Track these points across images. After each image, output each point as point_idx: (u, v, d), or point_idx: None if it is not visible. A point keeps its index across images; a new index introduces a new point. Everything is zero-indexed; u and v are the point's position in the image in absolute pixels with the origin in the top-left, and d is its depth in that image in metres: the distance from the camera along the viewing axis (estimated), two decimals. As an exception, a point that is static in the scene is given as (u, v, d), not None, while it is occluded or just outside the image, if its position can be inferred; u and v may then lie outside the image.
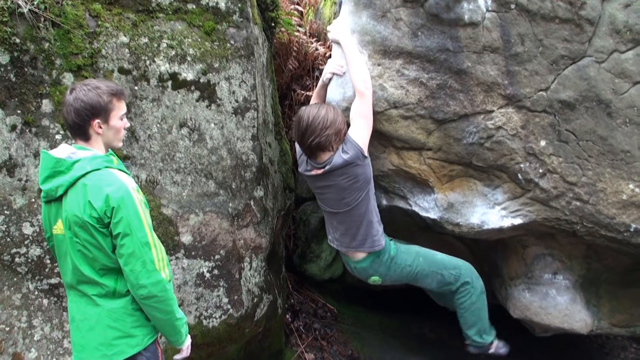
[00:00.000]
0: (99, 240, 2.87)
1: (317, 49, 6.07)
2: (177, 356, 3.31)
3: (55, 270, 3.84)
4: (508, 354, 4.63)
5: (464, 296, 4.42)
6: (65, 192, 2.91)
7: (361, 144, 4.03)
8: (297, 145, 4.33)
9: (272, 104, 5.07)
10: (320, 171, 4.14)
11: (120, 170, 3.02)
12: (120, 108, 3.01)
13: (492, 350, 4.60)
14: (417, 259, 4.38)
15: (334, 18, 5.95)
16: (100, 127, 2.94)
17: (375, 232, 4.26)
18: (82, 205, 2.83)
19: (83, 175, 2.87)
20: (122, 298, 2.98)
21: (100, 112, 2.92)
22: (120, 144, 3.14)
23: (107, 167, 2.94)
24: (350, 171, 4.05)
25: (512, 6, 4.02)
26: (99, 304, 2.96)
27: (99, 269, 2.93)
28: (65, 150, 2.96)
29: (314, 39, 6.27)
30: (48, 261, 3.83)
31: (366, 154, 4.07)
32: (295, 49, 6.11)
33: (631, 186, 4.09)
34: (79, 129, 2.94)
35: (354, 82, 4.10)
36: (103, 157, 2.96)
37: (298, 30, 6.21)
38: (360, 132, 4.06)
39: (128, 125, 3.14)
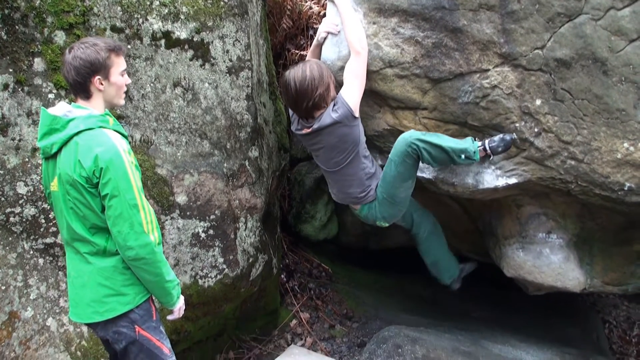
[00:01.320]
0: (88, 199, 2.87)
1: (311, 8, 6.00)
2: (169, 316, 3.32)
3: (50, 230, 3.84)
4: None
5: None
6: (60, 149, 2.92)
7: (352, 104, 4.03)
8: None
9: (267, 63, 5.03)
10: (309, 130, 4.16)
11: (116, 130, 3.00)
12: (119, 64, 2.99)
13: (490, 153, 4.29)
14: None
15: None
16: (102, 84, 2.94)
17: (366, 188, 4.35)
18: (72, 163, 2.84)
19: (76, 134, 2.87)
20: (113, 257, 2.98)
21: (100, 68, 2.91)
22: (122, 102, 3.13)
23: (101, 127, 2.92)
24: (337, 131, 4.08)
25: (509, -37, 3.97)
26: (90, 261, 2.97)
27: (90, 227, 2.94)
28: (62, 108, 2.95)
29: (308, -2, 6.21)
30: (43, 221, 3.83)
31: (356, 114, 4.08)
32: (289, 7, 6.04)
33: (626, 145, 4.09)
34: (80, 87, 2.94)
35: (349, 41, 4.07)
36: (98, 117, 2.94)
37: (291, -13, 6.14)
38: (352, 93, 4.05)
39: (129, 81, 3.12)
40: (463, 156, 4.11)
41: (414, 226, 4.99)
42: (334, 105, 4.05)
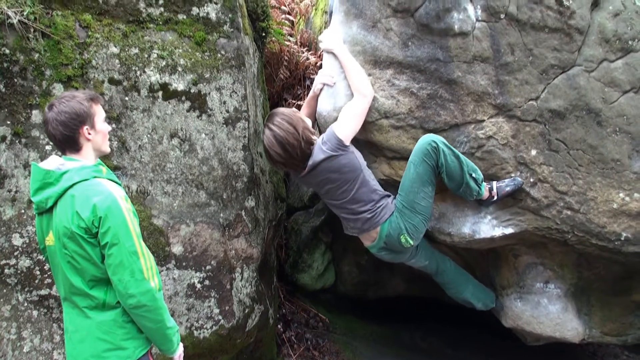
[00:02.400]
0: (88, 250, 2.85)
1: (308, 59, 6.08)
2: None
3: (45, 282, 3.82)
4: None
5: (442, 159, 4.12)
6: (55, 203, 2.90)
7: (341, 136, 4.05)
8: None
9: (263, 113, 5.07)
10: (305, 171, 4.19)
11: (110, 179, 3.01)
12: (100, 112, 3.03)
13: (495, 195, 4.28)
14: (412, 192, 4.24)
15: (324, 27, 5.97)
16: (89, 133, 2.95)
17: (379, 204, 4.28)
18: (70, 216, 2.82)
19: (71, 186, 2.86)
20: (112, 310, 2.96)
21: (86, 118, 2.93)
22: (109, 149, 3.14)
23: (95, 177, 2.92)
24: (333, 164, 4.10)
25: (502, 16, 4.04)
26: (89, 316, 2.94)
27: (89, 280, 2.91)
28: (54, 162, 2.95)
29: (305, 49, 6.28)
30: (38, 272, 3.81)
31: (346, 143, 4.09)
32: (286, 58, 6.12)
33: (621, 195, 4.11)
34: (68, 141, 2.94)
35: (355, 87, 4.11)
36: (91, 167, 2.95)
37: (289, 40, 6.22)
38: (344, 128, 4.09)
39: (110, 128, 3.17)
40: (473, 176, 4.10)
41: (439, 263, 4.83)
42: (322, 139, 4.10)
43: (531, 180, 4.17)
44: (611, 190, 4.13)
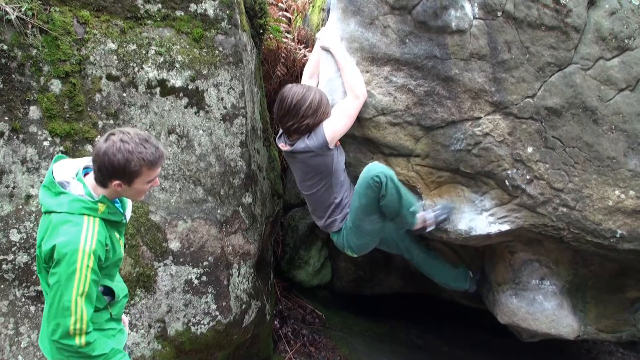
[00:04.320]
0: (45, 274, 2.82)
1: (305, 56, 6.08)
2: None
3: (43, 278, 3.83)
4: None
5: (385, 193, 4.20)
6: (45, 213, 2.85)
7: (329, 136, 4.09)
8: None
9: (261, 110, 5.08)
10: (286, 147, 4.25)
11: (104, 218, 2.86)
12: (150, 175, 2.83)
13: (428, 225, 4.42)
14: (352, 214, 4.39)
15: (322, 24, 5.97)
16: (120, 187, 2.80)
17: (329, 217, 4.46)
18: (40, 239, 2.79)
19: (57, 212, 2.77)
20: None
21: (124, 176, 2.76)
22: (141, 199, 3.04)
23: (84, 214, 2.78)
24: (310, 159, 4.17)
25: (499, 14, 4.06)
26: None
27: None
28: (65, 174, 2.87)
29: (302, 46, 6.29)
30: (35, 268, 3.81)
31: (331, 146, 4.14)
32: (283, 55, 6.13)
33: (617, 192, 4.13)
34: (98, 178, 2.81)
35: (348, 86, 4.13)
36: (86, 203, 2.80)
37: (286, 37, 6.22)
38: (334, 126, 4.12)
39: (158, 184, 2.99)
40: (410, 210, 4.28)
41: (404, 253, 4.93)
42: (313, 133, 4.13)
43: (527, 177, 4.19)
44: (607, 188, 4.15)
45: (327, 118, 4.16)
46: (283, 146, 4.28)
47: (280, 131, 4.36)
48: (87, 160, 2.94)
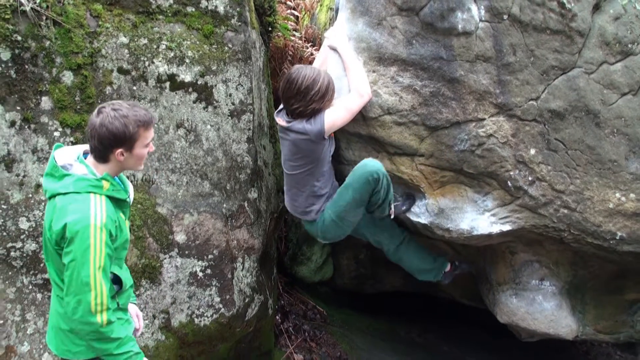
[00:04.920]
0: (57, 258, 2.86)
1: (312, 54, 6.12)
2: None
3: (50, 266, 3.89)
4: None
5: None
6: (50, 198, 2.88)
7: (327, 126, 4.13)
8: None
9: (268, 107, 5.13)
10: (283, 123, 4.26)
11: (109, 196, 2.91)
12: (146, 137, 2.92)
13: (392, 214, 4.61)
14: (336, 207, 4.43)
15: (329, 24, 6.02)
16: (123, 155, 2.88)
17: (309, 206, 4.48)
18: (49, 223, 2.83)
19: (63, 194, 2.82)
20: None
21: (125, 142, 2.84)
22: (141, 167, 3.07)
23: (90, 192, 2.83)
24: (302, 141, 4.18)
25: (505, 17, 4.11)
26: (63, 305, 2.92)
27: (62, 278, 2.89)
28: (67, 157, 2.92)
29: (309, 44, 6.33)
30: (43, 256, 3.86)
31: (326, 136, 4.19)
32: (290, 53, 6.18)
33: (617, 195, 4.19)
34: (99, 153, 2.88)
35: (354, 85, 4.18)
36: (90, 181, 2.85)
37: (294, 35, 6.27)
38: (334, 117, 4.16)
39: (153, 149, 3.07)
40: (389, 202, 4.43)
41: (370, 238, 5.00)
42: (312, 119, 4.15)
43: (529, 178, 4.25)
44: (607, 190, 4.21)
45: (330, 106, 4.20)
46: (280, 121, 4.29)
47: (281, 106, 4.37)
48: (86, 147, 2.98)
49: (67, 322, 2.89)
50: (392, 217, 4.56)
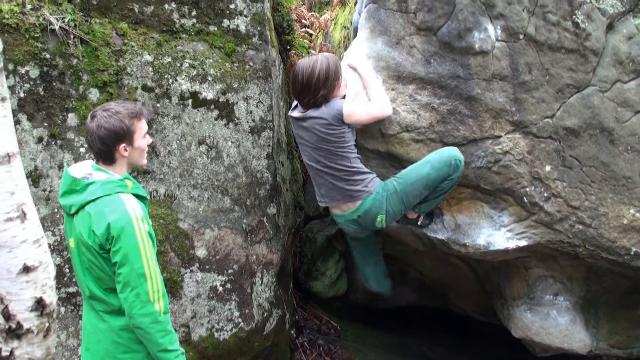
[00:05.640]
0: (103, 264, 2.91)
1: (326, 72, 6.20)
2: None
3: (73, 280, 3.93)
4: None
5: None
6: (77, 211, 2.95)
7: (345, 111, 4.10)
8: None
9: (286, 124, 5.21)
10: (298, 114, 4.26)
11: (135, 194, 3.04)
12: (142, 127, 3.04)
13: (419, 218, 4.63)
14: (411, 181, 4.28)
15: (343, 42, 6.12)
16: (126, 150, 2.98)
17: (363, 180, 4.26)
18: (87, 230, 2.88)
19: (93, 200, 2.90)
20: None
21: (125, 136, 2.95)
22: (145, 161, 3.18)
23: (118, 192, 2.94)
24: (320, 126, 4.13)
25: (521, 36, 4.20)
26: (105, 320, 3.00)
27: (105, 289, 2.97)
28: (83, 170, 3.00)
29: (324, 62, 6.42)
30: (67, 270, 3.94)
31: (346, 121, 4.12)
32: (305, 70, 6.25)
33: (632, 211, 4.26)
34: (105, 154, 2.98)
35: (376, 100, 4.21)
36: (116, 182, 2.97)
37: (310, 53, 6.36)
38: (352, 107, 4.16)
39: (151, 141, 3.20)
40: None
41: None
42: (328, 103, 4.14)
43: (545, 195, 4.32)
44: (622, 207, 4.28)
45: (340, 79, 4.20)
46: (296, 114, 4.29)
47: (295, 103, 4.37)
48: (91, 161, 3.08)
49: (125, 321, 2.94)
50: (418, 223, 4.56)
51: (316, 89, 4.09)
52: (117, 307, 2.97)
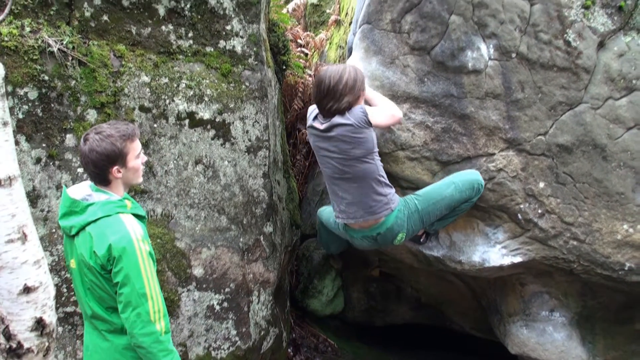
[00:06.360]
0: (104, 284, 2.92)
1: (321, 91, 6.26)
2: None
3: (71, 299, 3.95)
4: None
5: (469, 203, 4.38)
6: (78, 232, 2.96)
7: (370, 114, 4.02)
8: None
9: (282, 143, 5.25)
10: (320, 125, 4.15)
11: (135, 214, 3.06)
12: (135, 148, 3.04)
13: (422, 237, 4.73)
14: (435, 199, 4.30)
15: (339, 61, 6.17)
16: (119, 172, 2.99)
17: (387, 195, 4.20)
18: (88, 252, 2.90)
19: (94, 221, 2.91)
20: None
21: (117, 159, 2.95)
22: (140, 180, 3.18)
23: (118, 212, 2.96)
24: (350, 133, 4.02)
25: (513, 55, 4.26)
26: (108, 339, 3.02)
27: (107, 308, 2.99)
28: (82, 191, 3.02)
29: (319, 81, 6.48)
30: (65, 290, 3.95)
31: (371, 122, 4.04)
32: (300, 89, 6.32)
33: (625, 226, 4.29)
34: (98, 177, 3.00)
35: (388, 107, 4.19)
36: (116, 202, 2.99)
37: (306, 73, 6.42)
38: (372, 109, 4.09)
39: (145, 159, 3.20)
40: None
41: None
42: (350, 111, 4.06)
43: (539, 211, 4.36)
44: (615, 222, 4.31)
45: (363, 91, 4.12)
46: (317, 125, 4.18)
47: (315, 113, 4.24)
48: (89, 182, 3.10)
49: (127, 340, 2.95)
50: (421, 240, 4.65)
51: (342, 95, 4.00)
52: (119, 326, 2.99)
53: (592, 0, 4.28)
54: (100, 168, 2.95)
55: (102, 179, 3.00)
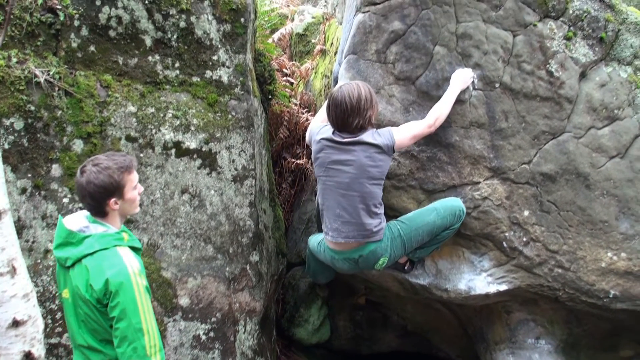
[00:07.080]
0: (99, 317, 2.91)
1: (307, 119, 6.30)
2: None
3: (56, 331, 3.93)
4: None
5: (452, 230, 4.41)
6: (73, 264, 2.94)
7: (398, 141, 4.05)
8: (316, 123, 4.43)
9: (268, 172, 5.27)
10: (347, 139, 4.06)
11: (132, 246, 3.06)
12: (132, 180, 3.04)
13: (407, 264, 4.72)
14: (415, 225, 4.31)
15: (324, 90, 6.21)
16: (117, 204, 2.99)
17: (379, 223, 4.18)
18: (84, 285, 2.88)
19: (90, 254, 2.90)
20: None
21: (115, 191, 2.96)
22: (137, 210, 3.18)
23: (115, 245, 2.96)
24: (374, 154, 4.01)
25: (497, 85, 4.31)
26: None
27: (100, 340, 2.97)
28: (79, 222, 3.01)
29: (305, 110, 6.52)
30: (50, 321, 3.92)
31: (396, 150, 4.10)
32: (286, 118, 6.35)
33: (609, 254, 4.33)
34: (95, 208, 3.00)
35: (432, 112, 4.23)
36: (113, 235, 2.99)
37: (290, 101, 6.46)
38: (401, 135, 4.09)
39: (142, 189, 3.20)
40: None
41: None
42: (378, 131, 4.06)
43: (524, 239, 4.38)
44: (600, 250, 4.35)
45: (377, 108, 4.15)
46: (338, 138, 4.08)
47: (330, 130, 4.16)
48: (85, 212, 3.09)
49: None
50: (405, 268, 4.65)
51: (365, 109, 3.98)
52: (113, 357, 2.97)
53: (574, 32, 4.35)
54: (98, 200, 2.95)
55: (99, 211, 3.00)
